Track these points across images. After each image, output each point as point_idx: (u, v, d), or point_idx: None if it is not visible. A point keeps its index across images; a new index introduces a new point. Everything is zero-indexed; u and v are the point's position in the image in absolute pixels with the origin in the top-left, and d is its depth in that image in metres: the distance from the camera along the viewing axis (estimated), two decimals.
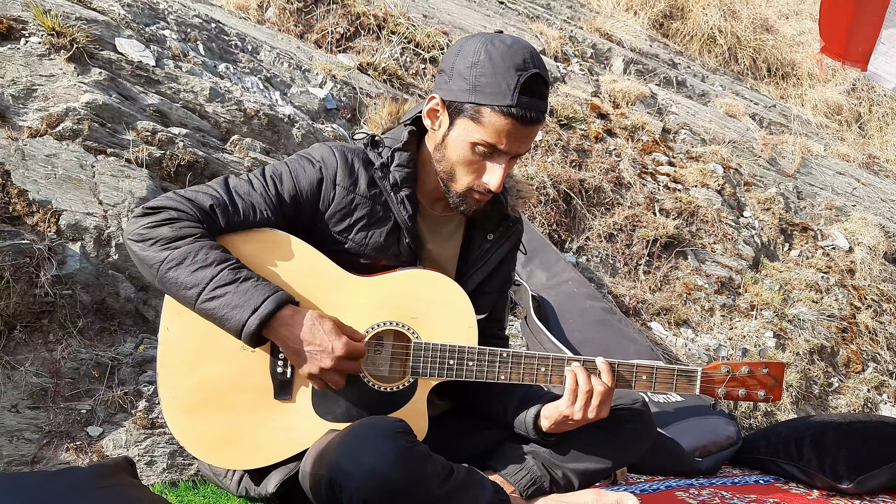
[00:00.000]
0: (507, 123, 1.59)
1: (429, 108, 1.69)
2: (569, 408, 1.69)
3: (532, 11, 5.23)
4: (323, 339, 1.54)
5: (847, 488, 2.44)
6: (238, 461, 1.64)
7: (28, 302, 2.05)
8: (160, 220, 1.54)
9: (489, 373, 1.70)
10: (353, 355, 1.57)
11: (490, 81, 1.58)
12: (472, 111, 1.61)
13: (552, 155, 3.82)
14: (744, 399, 1.77)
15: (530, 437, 1.78)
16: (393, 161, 1.72)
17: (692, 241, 3.99)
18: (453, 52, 1.67)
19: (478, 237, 1.85)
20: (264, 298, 1.51)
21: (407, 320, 1.68)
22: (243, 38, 3.29)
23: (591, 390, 1.68)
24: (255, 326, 1.50)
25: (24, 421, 1.95)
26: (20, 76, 2.38)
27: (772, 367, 1.76)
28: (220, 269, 1.51)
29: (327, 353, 1.53)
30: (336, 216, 1.70)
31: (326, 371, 1.55)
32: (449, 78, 1.64)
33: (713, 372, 1.76)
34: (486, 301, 1.87)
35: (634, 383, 1.74)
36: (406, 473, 1.43)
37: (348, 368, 1.57)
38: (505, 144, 1.61)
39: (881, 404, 3.90)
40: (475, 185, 1.68)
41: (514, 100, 1.57)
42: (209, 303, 1.51)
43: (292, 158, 1.73)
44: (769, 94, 6.05)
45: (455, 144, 1.65)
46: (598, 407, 1.68)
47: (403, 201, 1.71)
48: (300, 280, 1.64)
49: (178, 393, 1.61)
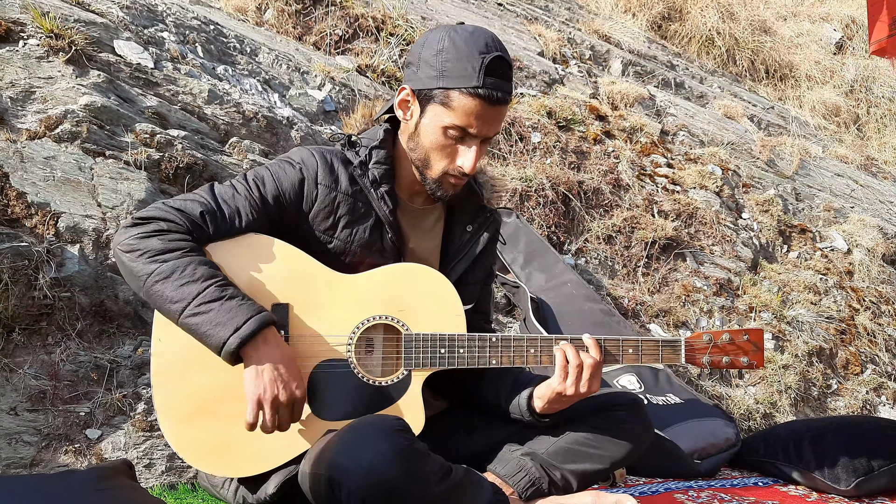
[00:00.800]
0: (476, 105, 1.64)
1: (400, 98, 1.74)
2: (560, 384, 1.72)
3: (530, 13, 5.23)
4: (290, 376, 1.56)
5: (846, 490, 2.44)
6: (237, 469, 1.64)
7: (27, 304, 2.05)
8: (150, 231, 1.55)
9: (480, 358, 1.72)
10: (300, 407, 1.59)
11: (456, 66, 1.64)
12: (441, 96, 1.66)
13: (550, 157, 3.82)
14: (728, 366, 1.83)
15: (525, 419, 1.81)
16: (371, 158, 1.76)
17: (691, 242, 4.00)
18: (419, 43, 1.73)
19: (457, 229, 1.89)
20: (247, 318, 1.52)
21: (395, 313, 1.70)
22: (242, 40, 3.29)
23: (581, 364, 1.71)
24: (235, 345, 1.50)
25: (22, 423, 1.94)
26: (19, 78, 2.38)
27: (751, 333, 1.83)
28: (206, 285, 1.52)
29: (288, 389, 1.55)
30: (320, 215, 1.72)
31: (277, 402, 1.55)
32: (417, 68, 1.70)
33: (695, 341, 1.82)
34: (471, 292, 1.90)
35: (622, 357, 1.78)
36: (404, 471, 1.43)
37: (289, 415, 1.58)
38: (475, 127, 1.67)
39: (880, 406, 3.91)
40: (449, 169, 1.72)
41: (481, 81, 1.63)
42: (192, 318, 1.52)
43: (273, 162, 1.76)
44: (767, 95, 6.06)
45: (427, 131, 1.70)
46: (588, 380, 1.72)
47: (383, 197, 1.75)
48: (288, 281, 1.65)
49: (173, 403, 1.61)
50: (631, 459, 1.88)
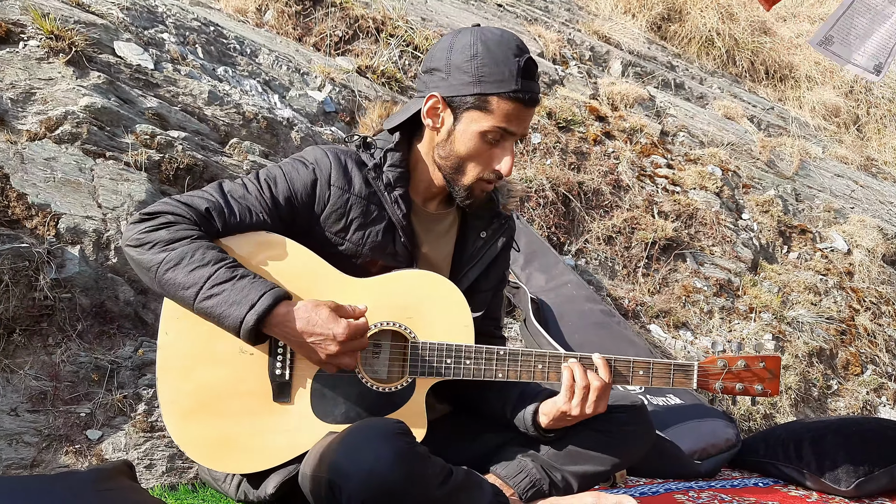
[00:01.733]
0: (515, 108, 1.65)
1: (429, 107, 1.71)
2: (566, 404, 1.70)
3: (530, 14, 5.23)
4: (323, 327, 1.53)
5: (846, 491, 2.44)
6: (238, 465, 1.64)
7: (27, 305, 2.05)
8: (157, 224, 1.55)
9: (487, 371, 1.71)
10: (355, 335, 1.56)
11: (493, 70, 1.64)
12: (479, 102, 1.65)
13: (551, 157, 3.83)
14: (741, 393, 1.77)
15: (530, 433, 1.79)
16: (386, 161, 1.74)
17: (691, 243, 4.00)
18: (443, 48, 1.70)
19: (471, 235, 1.87)
20: (261, 294, 1.51)
21: (404, 320, 1.69)
22: (242, 41, 3.30)
23: (588, 386, 1.70)
24: (252, 322, 1.49)
25: (23, 424, 1.94)
26: (19, 79, 2.38)
27: (768, 360, 1.77)
28: (216, 267, 1.51)
29: (331, 340, 1.53)
30: (332, 217, 1.71)
31: (334, 356, 1.54)
32: (447, 74, 1.68)
33: (709, 366, 1.77)
34: (482, 299, 1.89)
35: (631, 378, 1.75)
36: (405, 474, 1.43)
37: (355, 348, 1.57)
38: (513, 127, 1.68)
39: (880, 407, 3.91)
40: (484, 174, 1.72)
41: (519, 84, 1.64)
42: (207, 301, 1.51)
43: (286, 162, 1.74)
44: (767, 96, 6.06)
45: (463, 137, 1.68)
46: (595, 402, 1.70)
47: (397, 200, 1.73)
48: (296, 282, 1.64)
49: (177, 397, 1.61)
50: (632, 461, 1.88)
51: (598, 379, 1.70)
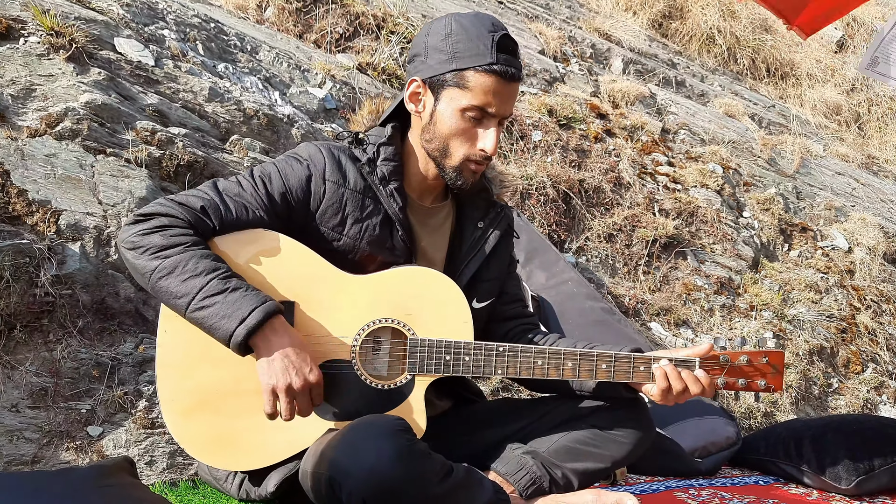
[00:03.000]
0: (492, 82, 1.65)
1: (410, 92, 1.73)
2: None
3: (531, 11, 5.23)
4: (301, 362, 1.54)
5: (846, 489, 2.44)
6: (238, 462, 1.64)
7: (28, 302, 2.05)
8: (151, 227, 1.55)
9: (486, 367, 1.71)
10: (318, 391, 1.57)
11: (467, 46, 1.65)
12: (455, 79, 1.66)
13: (551, 155, 3.82)
14: (744, 389, 1.74)
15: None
16: (379, 156, 1.74)
17: (692, 241, 3.99)
18: (422, 34, 1.73)
19: (468, 226, 1.87)
20: (252, 309, 1.51)
21: (402, 317, 1.68)
22: (242, 37, 3.29)
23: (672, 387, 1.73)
24: (242, 336, 1.50)
25: (24, 420, 1.94)
26: (19, 76, 2.37)
27: (771, 356, 1.74)
28: (209, 278, 1.52)
29: (301, 375, 1.53)
30: (328, 212, 1.70)
31: (291, 389, 1.53)
32: (425, 57, 1.70)
33: (711, 362, 1.74)
34: (486, 288, 1.87)
35: (633, 374, 1.74)
36: (405, 471, 1.43)
37: (308, 400, 1.56)
38: (493, 105, 1.67)
39: (880, 405, 3.91)
40: (470, 154, 1.71)
41: (494, 57, 1.64)
42: (198, 312, 1.51)
43: (280, 158, 1.74)
44: (768, 94, 6.06)
45: (444, 116, 1.69)
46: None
47: (392, 194, 1.73)
48: (294, 280, 1.64)
49: (176, 395, 1.61)
50: (632, 458, 1.88)
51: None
